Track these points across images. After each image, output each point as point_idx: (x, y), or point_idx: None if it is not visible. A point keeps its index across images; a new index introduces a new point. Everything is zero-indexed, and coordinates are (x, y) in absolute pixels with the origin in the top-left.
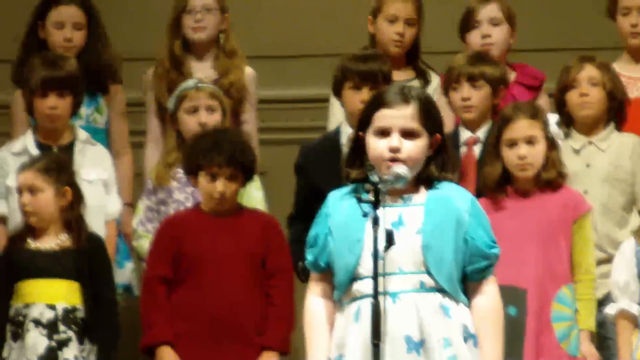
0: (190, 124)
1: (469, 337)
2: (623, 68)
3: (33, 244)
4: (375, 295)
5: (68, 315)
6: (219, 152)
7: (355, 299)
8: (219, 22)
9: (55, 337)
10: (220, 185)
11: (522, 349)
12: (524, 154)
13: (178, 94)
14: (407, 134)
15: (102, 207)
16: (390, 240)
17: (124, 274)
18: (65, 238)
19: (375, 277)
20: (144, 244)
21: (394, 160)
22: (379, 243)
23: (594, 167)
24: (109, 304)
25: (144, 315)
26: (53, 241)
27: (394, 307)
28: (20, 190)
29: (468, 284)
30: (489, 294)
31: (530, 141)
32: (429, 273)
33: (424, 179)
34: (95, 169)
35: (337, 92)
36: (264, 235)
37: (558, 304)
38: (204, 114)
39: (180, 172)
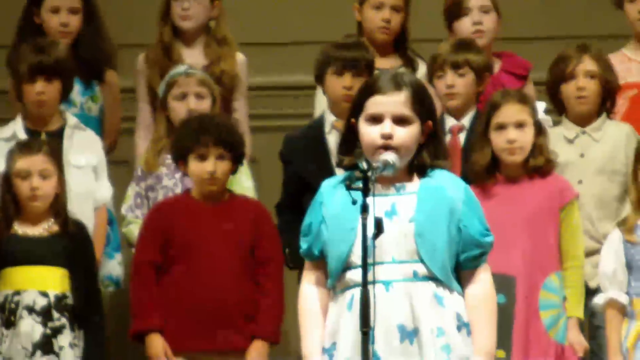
0: (179, 110)
1: (462, 326)
2: (633, 53)
3: (20, 229)
4: (365, 282)
5: (60, 302)
6: (205, 133)
7: (348, 287)
8: (207, 10)
9: (50, 324)
10: (209, 165)
11: (510, 337)
12: (514, 137)
13: (167, 80)
14: (399, 121)
15: (91, 193)
16: (379, 228)
17: (113, 265)
18: (51, 224)
19: (364, 264)
20: (134, 230)
21: (386, 147)
22: (368, 231)
23: (589, 157)
24: (94, 291)
25: (134, 301)
26: (41, 227)
27: (387, 295)
28: (24, 175)
29: (461, 272)
30: (483, 282)
31: (519, 125)
32: (422, 262)
33: (417, 167)
34: (85, 154)
35: (320, 79)
36: (254, 222)
37: (546, 292)
38: (193, 101)
39: (169, 159)
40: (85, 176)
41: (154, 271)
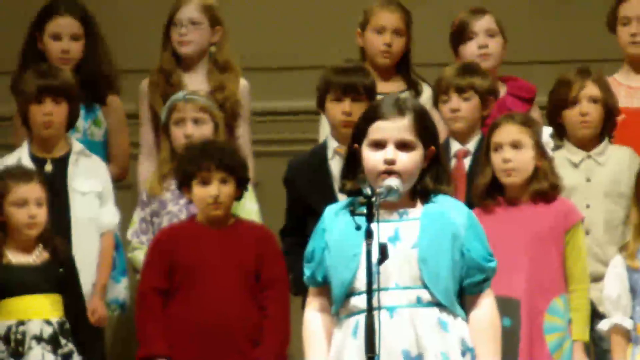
0: (178, 135)
1: (467, 351)
2: (624, 78)
3: (14, 258)
4: (370, 308)
5: (63, 328)
6: (207, 158)
7: (353, 314)
8: (207, 36)
9: (60, 351)
10: (213, 189)
11: None
12: (508, 157)
13: (169, 106)
14: (402, 146)
15: (94, 219)
16: (384, 253)
17: (119, 289)
18: (41, 250)
19: (369, 290)
20: (139, 255)
21: (389, 172)
22: (372, 256)
23: (595, 181)
24: (84, 315)
25: (140, 328)
26: (34, 255)
27: (391, 322)
28: (21, 203)
29: (465, 297)
30: (486, 307)
31: (515, 145)
32: (425, 287)
33: (420, 192)
34: (89, 180)
35: (321, 105)
36: (259, 247)
37: (550, 315)
38: (190, 126)
39: (173, 185)
40: (89, 202)
41: (159, 297)
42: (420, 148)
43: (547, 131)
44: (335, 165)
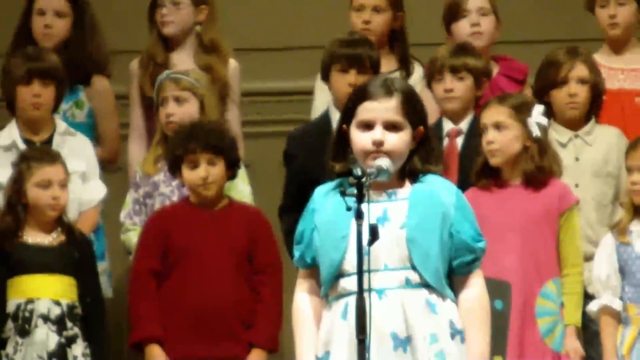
0: (161, 115)
1: (455, 333)
2: (604, 59)
3: (30, 238)
4: (360, 290)
5: (72, 312)
6: (194, 140)
7: (342, 295)
8: (190, 16)
9: (65, 333)
10: (201, 171)
11: (505, 343)
12: (490, 139)
13: (156, 86)
14: (391, 127)
15: (75, 200)
16: (374, 234)
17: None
18: (59, 233)
19: (359, 271)
20: (132, 237)
21: (377, 152)
22: (363, 237)
23: (584, 161)
24: (99, 301)
25: (133, 310)
26: (50, 236)
27: (380, 303)
28: (46, 184)
29: (454, 277)
30: (475, 287)
31: (497, 126)
32: (414, 268)
33: (409, 173)
34: (73, 160)
35: (325, 77)
36: (252, 229)
37: (543, 299)
38: (171, 105)
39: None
40: (72, 184)
41: (153, 279)
42: (408, 129)
43: (538, 109)
44: None
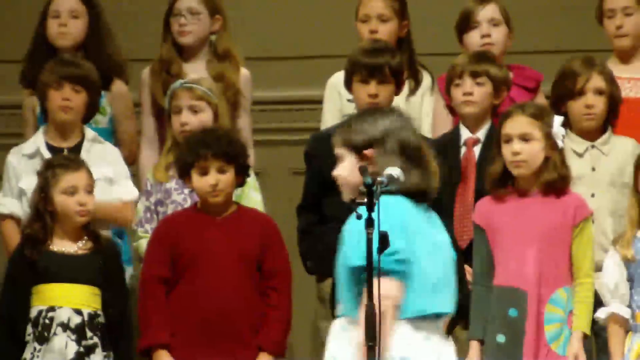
0: (175, 123)
1: None
2: (613, 69)
3: (56, 247)
4: (370, 297)
5: (93, 321)
6: (204, 147)
7: None
8: (207, 26)
9: (84, 342)
10: (211, 178)
11: (521, 351)
12: (517, 150)
13: (169, 94)
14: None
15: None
16: (384, 242)
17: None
18: (85, 241)
19: (369, 278)
20: (144, 244)
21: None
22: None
23: (600, 170)
24: (123, 311)
25: (142, 316)
26: (76, 245)
27: None
28: (72, 191)
29: None
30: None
31: (524, 138)
32: None
33: None
34: (100, 167)
35: (348, 85)
36: (262, 236)
37: (552, 306)
38: (186, 114)
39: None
40: (99, 189)
41: (161, 286)
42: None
43: (558, 120)
44: None
